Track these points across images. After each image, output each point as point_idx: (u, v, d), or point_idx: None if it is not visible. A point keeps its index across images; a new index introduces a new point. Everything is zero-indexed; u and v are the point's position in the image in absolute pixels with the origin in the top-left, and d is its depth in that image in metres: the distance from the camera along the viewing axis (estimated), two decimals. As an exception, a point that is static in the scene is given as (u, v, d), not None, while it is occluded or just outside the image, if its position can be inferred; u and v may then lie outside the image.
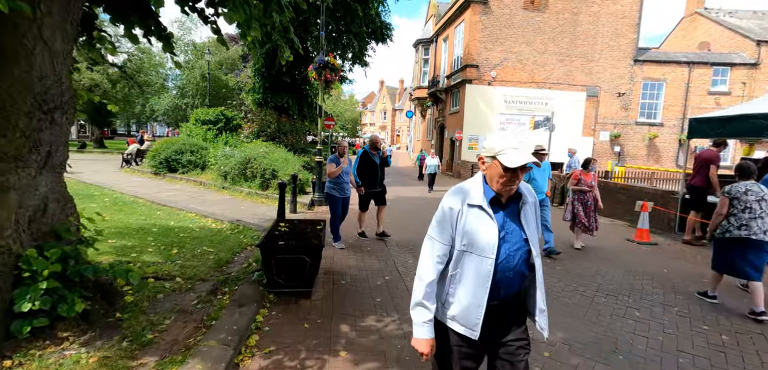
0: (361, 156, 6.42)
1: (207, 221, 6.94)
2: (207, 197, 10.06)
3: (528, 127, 20.68)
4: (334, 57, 9.64)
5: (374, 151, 6.44)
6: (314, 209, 9.48)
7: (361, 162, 6.40)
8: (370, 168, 6.40)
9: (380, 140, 6.66)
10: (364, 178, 6.40)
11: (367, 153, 6.42)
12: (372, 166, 6.39)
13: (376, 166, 6.39)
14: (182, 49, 27.61)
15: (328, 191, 5.91)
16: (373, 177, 6.42)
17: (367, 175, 6.41)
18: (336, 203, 5.96)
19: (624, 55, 20.86)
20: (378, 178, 6.45)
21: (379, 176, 6.44)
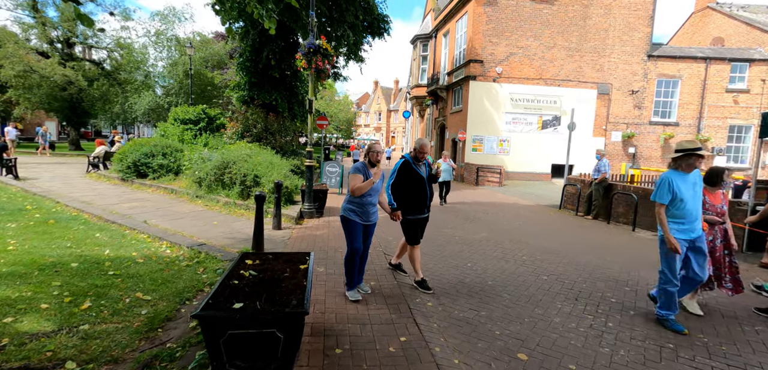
0: (402, 168, 4.42)
1: (160, 246, 5.34)
2: (176, 209, 8.45)
3: (536, 128, 19.32)
4: (326, 37, 8.12)
5: (419, 162, 4.46)
6: (304, 223, 7.92)
7: (402, 176, 4.40)
8: (415, 186, 4.40)
9: (428, 146, 4.48)
10: (405, 200, 4.40)
11: (408, 165, 4.40)
12: (417, 183, 4.41)
13: (422, 182, 4.43)
14: (165, 45, 25.88)
15: (346, 213, 4.01)
16: (419, 198, 4.43)
17: (411, 196, 4.40)
18: (356, 232, 3.99)
19: (637, 50, 19.58)
20: (427, 196, 4.51)
21: (428, 194, 4.52)
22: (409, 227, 4.54)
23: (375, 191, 4.07)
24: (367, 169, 4.01)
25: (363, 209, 4.00)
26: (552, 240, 7.56)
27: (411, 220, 4.49)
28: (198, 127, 15.92)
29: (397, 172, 4.41)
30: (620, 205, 9.36)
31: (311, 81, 8.25)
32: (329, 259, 5.57)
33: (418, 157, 4.44)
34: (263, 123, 14.40)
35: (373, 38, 17.61)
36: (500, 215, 10.30)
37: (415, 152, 4.45)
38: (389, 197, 4.37)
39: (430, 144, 30.11)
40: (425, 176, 4.47)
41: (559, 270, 5.61)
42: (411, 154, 4.49)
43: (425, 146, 4.45)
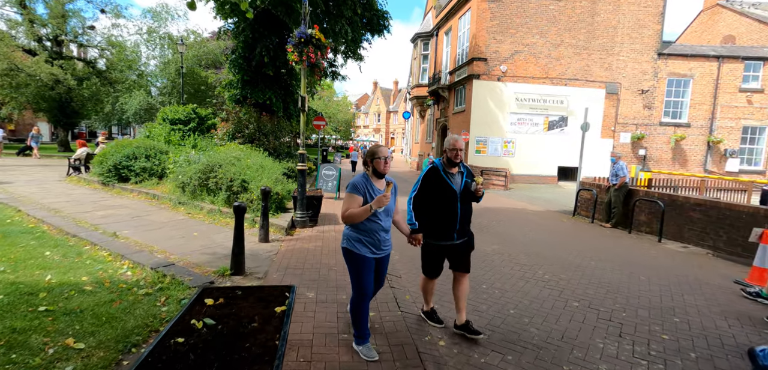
0: (429, 177, 3.37)
1: (120, 267, 4.53)
2: (154, 217, 7.63)
3: (542, 129, 18.55)
4: (322, 33, 7.32)
5: (452, 168, 3.33)
6: (295, 233, 7.11)
7: (428, 188, 3.35)
8: (444, 202, 3.30)
9: (460, 144, 3.29)
10: (429, 220, 3.34)
11: (437, 173, 3.33)
12: (447, 198, 3.29)
13: (453, 198, 3.28)
14: (157, 43, 25.03)
15: (350, 244, 2.93)
16: (446, 219, 3.31)
17: (437, 215, 3.32)
18: (364, 270, 2.92)
19: (647, 48, 18.82)
20: (458, 218, 3.31)
21: (459, 215, 3.31)
22: (430, 255, 3.49)
23: (387, 212, 3.01)
24: (370, 183, 2.93)
25: (372, 236, 2.91)
26: (572, 253, 6.75)
27: (434, 246, 3.41)
28: (188, 128, 15.11)
29: (421, 182, 3.40)
30: (643, 212, 8.57)
31: (303, 76, 7.45)
32: (321, 280, 4.77)
33: (451, 162, 3.29)
34: (256, 123, 13.59)
35: (372, 36, 16.89)
36: (510, 222, 9.50)
37: (447, 155, 3.30)
38: (409, 213, 3.35)
39: (432, 146, 29.29)
40: (458, 189, 3.30)
41: (589, 293, 4.80)
42: (442, 159, 3.40)
43: (458, 145, 3.26)
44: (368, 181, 2.95)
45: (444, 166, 3.36)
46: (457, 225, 3.33)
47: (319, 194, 8.33)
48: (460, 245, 3.43)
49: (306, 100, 7.44)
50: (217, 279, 4.52)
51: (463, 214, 3.37)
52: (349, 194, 2.89)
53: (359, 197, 2.86)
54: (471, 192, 3.36)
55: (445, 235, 3.37)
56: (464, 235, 3.44)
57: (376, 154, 2.97)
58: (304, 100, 7.39)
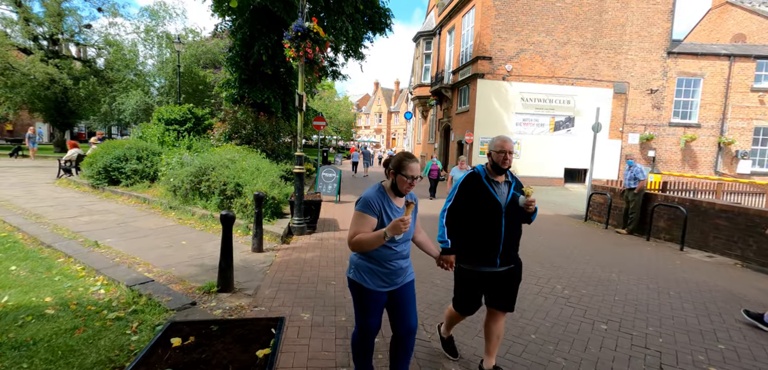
0: (468, 185, 2.68)
1: (92, 284, 4.06)
2: (142, 223, 7.16)
3: (548, 129, 18.05)
4: (322, 29, 6.84)
5: (498, 176, 2.65)
6: (292, 241, 6.63)
7: (465, 199, 2.67)
8: (486, 217, 2.61)
9: (510, 145, 2.60)
10: (466, 239, 2.69)
11: (478, 180, 2.65)
12: (489, 212, 2.60)
13: (498, 212, 2.59)
14: (155, 42, 24.59)
15: (356, 277, 2.31)
16: (488, 238, 2.63)
17: (476, 233, 2.65)
18: (370, 305, 2.32)
19: (656, 47, 18.31)
20: (502, 238, 2.61)
21: (503, 235, 2.61)
22: (465, 284, 2.77)
23: (406, 237, 2.33)
24: (387, 200, 2.25)
25: (386, 265, 2.25)
26: (591, 264, 6.26)
27: (469, 273, 2.71)
28: (184, 128, 14.69)
29: (458, 191, 2.69)
30: (662, 219, 8.07)
31: (300, 73, 6.96)
32: (318, 297, 4.28)
33: (498, 168, 2.59)
34: (254, 124, 13.12)
35: (373, 34, 16.45)
36: (519, 228, 9.00)
37: (492, 159, 2.61)
38: (442, 228, 2.70)
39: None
40: (504, 203, 2.59)
41: (617, 312, 4.31)
42: (486, 165, 2.70)
43: (508, 146, 2.54)
44: (385, 197, 2.25)
45: (487, 173, 2.65)
46: (500, 247, 2.60)
47: (318, 198, 7.85)
48: (502, 273, 2.68)
49: (304, 99, 6.97)
50: (202, 297, 4.04)
51: (509, 234, 2.62)
52: (359, 214, 2.20)
53: (372, 218, 2.18)
54: (520, 208, 2.63)
55: (484, 259, 2.63)
56: (509, 261, 2.68)
57: (403, 167, 2.19)
58: (301, 98, 6.91)
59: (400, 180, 2.22)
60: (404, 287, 2.38)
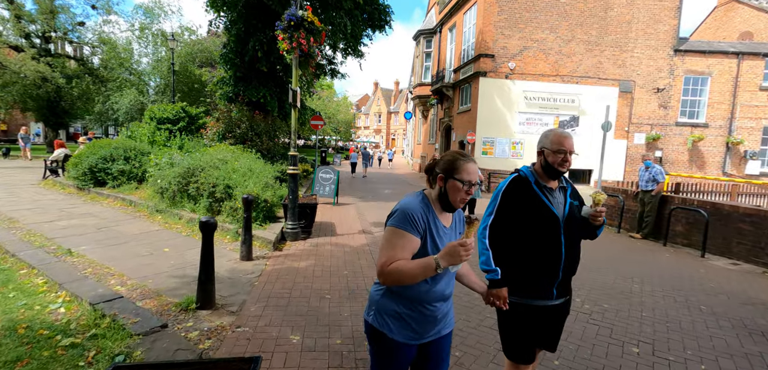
0: (510, 192, 2.06)
1: (52, 302, 3.57)
2: (123, 228, 6.67)
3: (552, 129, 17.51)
4: (316, 19, 6.36)
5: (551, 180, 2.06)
6: (285, 248, 6.14)
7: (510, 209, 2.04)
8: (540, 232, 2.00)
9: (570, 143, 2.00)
10: (517, 263, 2.04)
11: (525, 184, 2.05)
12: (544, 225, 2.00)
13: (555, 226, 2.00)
14: (150, 40, 24.09)
15: (377, 322, 1.64)
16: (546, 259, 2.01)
17: (529, 254, 2.02)
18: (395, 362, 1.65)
19: (662, 45, 17.84)
20: (562, 262, 2.01)
21: (564, 257, 2.01)
22: (518, 323, 2.09)
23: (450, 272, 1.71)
24: (433, 216, 1.63)
25: (421, 309, 1.63)
26: (610, 273, 5.78)
27: (523, 308, 2.06)
28: (177, 127, 14.21)
29: (501, 202, 2.06)
30: (679, 223, 7.59)
31: (294, 67, 6.48)
32: (311, 314, 3.80)
33: (552, 171, 2.01)
34: (248, 122, 12.64)
35: (373, 32, 15.99)
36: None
37: (546, 159, 2.02)
38: (484, 252, 2.03)
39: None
40: (562, 216, 2.03)
41: (647, 332, 3.82)
42: (534, 167, 2.11)
43: (568, 145, 1.98)
44: (430, 211, 1.62)
45: (538, 177, 2.06)
46: (559, 274, 2.01)
47: (314, 200, 7.37)
48: (558, 307, 2.10)
49: (298, 95, 6.48)
50: (177, 316, 3.55)
51: (570, 256, 2.03)
52: (395, 231, 1.54)
53: (415, 237, 1.54)
54: (581, 220, 2.05)
55: (538, 289, 2.04)
56: (566, 291, 2.12)
57: (457, 169, 1.59)
58: (295, 94, 6.42)
59: (453, 188, 1.58)
60: (441, 340, 1.72)
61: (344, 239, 7.01)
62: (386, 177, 23.11)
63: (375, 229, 8.22)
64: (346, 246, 6.47)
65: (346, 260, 5.69)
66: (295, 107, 6.58)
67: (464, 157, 1.63)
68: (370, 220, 9.25)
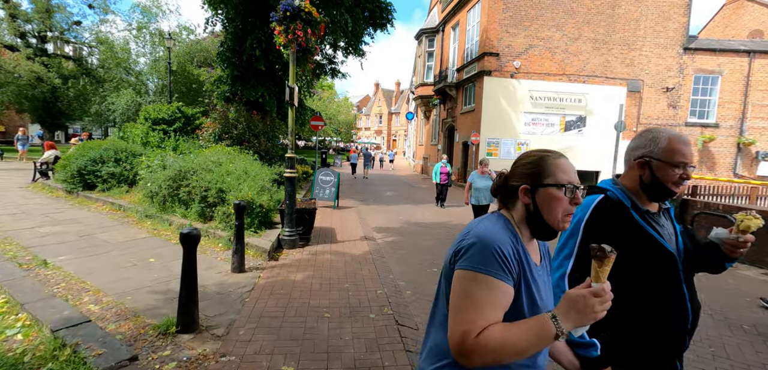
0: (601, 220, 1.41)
1: (9, 326, 3.12)
2: (108, 236, 6.23)
3: (558, 129, 17.12)
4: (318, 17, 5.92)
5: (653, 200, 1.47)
6: (281, 256, 5.68)
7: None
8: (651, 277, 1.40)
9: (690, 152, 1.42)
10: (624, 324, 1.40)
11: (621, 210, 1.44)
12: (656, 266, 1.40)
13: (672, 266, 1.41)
14: (148, 40, 23.70)
15: None
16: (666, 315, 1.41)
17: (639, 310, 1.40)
18: None
19: (672, 43, 17.39)
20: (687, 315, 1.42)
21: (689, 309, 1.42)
22: None
23: None
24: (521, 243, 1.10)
25: None
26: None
27: None
28: (172, 128, 13.78)
29: (583, 234, 1.41)
30: (702, 229, 7.11)
31: (291, 62, 6.04)
32: (307, 338, 3.35)
33: (662, 190, 1.41)
34: (246, 123, 12.20)
35: (374, 30, 15.55)
36: (538, 238, 8.08)
37: (653, 172, 1.41)
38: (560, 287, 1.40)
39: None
40: (677, 251, 1.46)
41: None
42: (623, 183, 1.52)
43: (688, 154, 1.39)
44: (518, 241, 1.09)
45: (635, 199, 1.47)
46: (685, 338, 1.44)
47: (313, 205, 6.91)
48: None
49: (295, 93, 6.04)
50: (154, 342, 3.10)
51: (695, 308, 1.45)
52: (477, 277, 1.00)
53: (508, 286, 1.02)
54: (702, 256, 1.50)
55: (657, 364, 1.43)
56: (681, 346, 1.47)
57: (549, 171, 1.11)
58: (292, 92, 5.99)
59: (548, 199, 1.09)
60: None
61: (345, 246, 6.56)
62: (387, 179, 22.66)
63: (378, 235, 7.76)
64: (347, 255, 6.02)
65: (348, 271, 5.24)
66: (292, 106, 6.14)
67: (555, 155, 1.14)
68: (372, 224, 8.79)
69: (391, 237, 7.67)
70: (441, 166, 11.87)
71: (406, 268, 5.67)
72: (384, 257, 6.16)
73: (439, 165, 11.93)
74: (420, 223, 9.27)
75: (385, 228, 8.46)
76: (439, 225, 9.11)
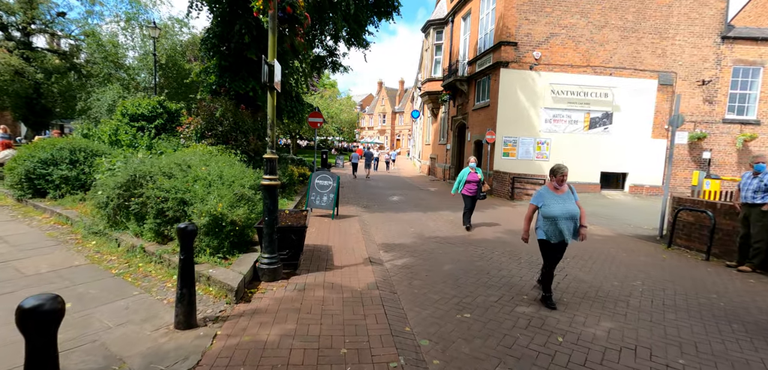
0: None
1: None
2: (30, 264, 4.70)
3: (582, 127, 15.48)
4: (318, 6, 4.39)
5: None
6: (256, 296, 4.11)
7: None
8: None
9: None
10: None
11: None
12: None
13: None
14: (138, 33, 22.24)
15: None
16: None
17: None
18: None
19: (708, 31, 15.71)
20: None
21: None
22: None
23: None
24: None
25: None
26: (739, 340, 3.73)
27: None
28: (153, 125, 12.30)
29: None
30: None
31: (271, 32, 4.47)
32: None
33: None
34: (232, 119, 10.65)
35: (378, 19, 14.03)
36: (586, 258, 6.48)
37: None
38: None
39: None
40: None
41: None
42: None
43: None
44: None
45: None
46: None
47: (302, 222, 5.35)
48: None
49: (276, 72, 4.48)
50: None
51: None
52: None
53: None
54: None
55: None
56: None
57: None
58: (271, 71, 4.42)
59: None
60: None
61: (344, 274, 4.99)
62: (392, 181, 21.09)
63: (385, 255, 6.19)
64: (345, 289, 4.46)
65: (346, 320, 3.68)
66: (271, 90, 4.58)
67: None
68: (379, 239, 7.22)
69: (401, 258, 6.10)
70: (468, 171, 8.51)
71: (427, 312, 4.10)
72: (395, 293, 4.59)
73: (465, 171, 8.55)
74: (435, 237, 7.68)
75: (393, 245, 6.89)
76: (460, 241, 7.52)
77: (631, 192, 16.10)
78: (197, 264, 4.48)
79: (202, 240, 4.80)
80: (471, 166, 8.59)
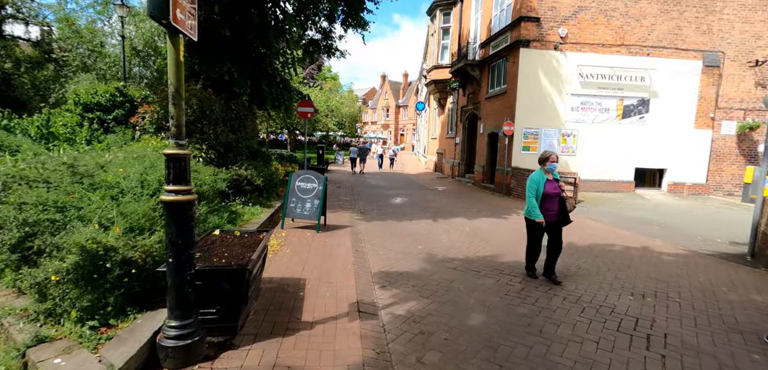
0: None
1: None
2: None
3: (614, 116, 13.38)
4: None
5: None
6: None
7: None
8: None
9: None
10: None
11: None
12: None
13: None
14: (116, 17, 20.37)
15: None
16: None
17: None
18: None
19: (762, 3, 13.52)
20: None
21: None
22: None
23: None
24: None
25: None
26: None
27: None
28: (112, 116, 10.46)
29: None
30: None
31: None
32: None
33: None
34: (198, 106, 8.67)
35: (378, -6, 12.02)
36: (673, 296, 4.46)
37: None
38: None
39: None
40: None
41: None
42: None
43: None
44: None
45: None
46: None
47: (246, 259, 3.37)
48: None
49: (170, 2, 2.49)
50: None
51: None
52: None
53: None
54: None
55: None
56: None
57: None
58: None
59: None
60: None
61: (312, 344, 3.04)
62: (395, 179, 19.07)
63: (383, 296, 4.22)
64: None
65: None
66: (175, 32, 2.60)
67: None
68: (375, 265, 5.23)
69: (406, 299, 4.13)
70: (544, 179, 4.75)
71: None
72: None
73: (538, 178, 4.74)
74: (451, 258, 5.68)
75: (394, 276, 4.90)
76: (485, 264, 5.51)
77: (669, 191, 13.99)
78: (46, 342, 2.53)
79: (67, 293, 2.84)
80: (549, 167, 4.76)
